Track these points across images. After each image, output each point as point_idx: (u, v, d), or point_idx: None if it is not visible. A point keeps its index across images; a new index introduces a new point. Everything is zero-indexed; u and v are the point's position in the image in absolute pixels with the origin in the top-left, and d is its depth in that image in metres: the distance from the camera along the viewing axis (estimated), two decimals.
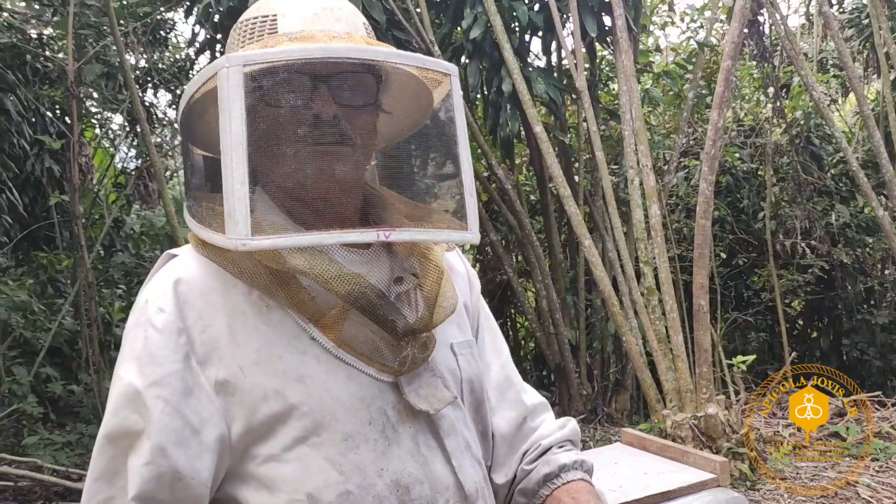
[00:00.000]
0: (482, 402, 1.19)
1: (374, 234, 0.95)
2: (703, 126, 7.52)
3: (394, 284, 1.06)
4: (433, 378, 1.06)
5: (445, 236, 1.05)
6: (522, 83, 5.25)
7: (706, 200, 4.58)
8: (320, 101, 1.00)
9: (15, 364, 5.25)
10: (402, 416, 1.03)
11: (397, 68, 1.03)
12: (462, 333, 1.19)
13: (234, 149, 0.91)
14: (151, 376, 0.95)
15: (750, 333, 7.74)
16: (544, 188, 6.44)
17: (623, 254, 5.23)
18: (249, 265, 1.00)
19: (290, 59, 0.95)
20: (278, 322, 1.00)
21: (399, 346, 1.03)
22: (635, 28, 5.76)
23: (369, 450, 0.99)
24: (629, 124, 5.09)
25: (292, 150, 1.00)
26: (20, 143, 6.64)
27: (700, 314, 4.64)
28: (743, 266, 7.66)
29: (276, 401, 0.96)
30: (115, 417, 0.96)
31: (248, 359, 0.97)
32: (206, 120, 1.01)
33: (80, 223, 4.82)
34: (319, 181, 1.00)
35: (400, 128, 1.14)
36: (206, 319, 0.98)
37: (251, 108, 0.93)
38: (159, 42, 8.04)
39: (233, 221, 0.91)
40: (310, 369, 0.99)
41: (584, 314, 6.41)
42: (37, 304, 5.74)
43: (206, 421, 0.96)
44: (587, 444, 5.43)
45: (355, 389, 1.00)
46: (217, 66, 0.94)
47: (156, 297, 1.00)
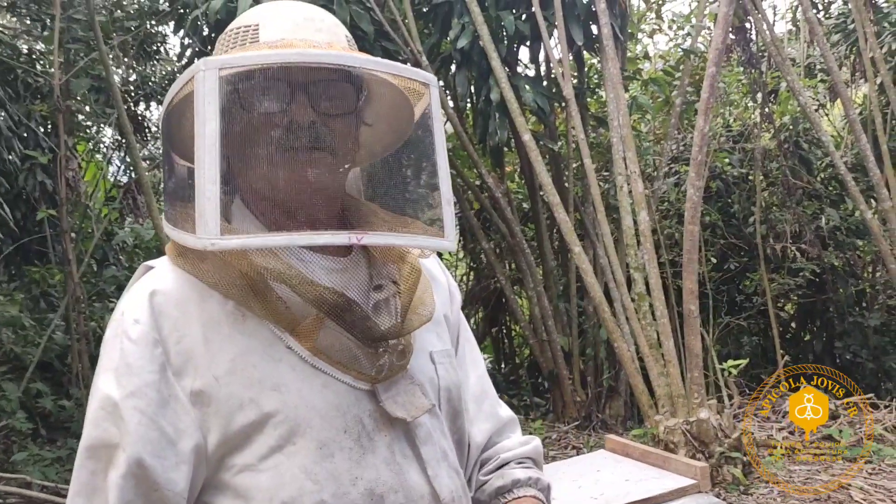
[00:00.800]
0: (459, 411, 1.19)
1: (345, 236, 0.95)
2: (692, 132, 7.55)
3: (373, 291, 1.06)
4: (411, 386, 1.06)
5: (420, 241, 1.05)
6: (510, 92, 5.27)
7: (694, 206, 4.60)
8: (297, 106, 1.00)
9: (4, 380, 5.23)
10: (379, 425, 1.03)
11: (374, 76, 1.04)
12: (441, 342, 1.18)
13: (206, 150, 0.91)
14: (128, 387, 0.95)
15: (743, 337, 7.75)
16: (535, 196, 6.46)
17: (613, 260, 5.24)
18: (224, 275, 1.00)
19: (266, 63, 0.95)
20: (253, 331, 1.00)
21: (376, 353, 1.03)
22: (622, 36, 5.79)
23: (344, 458, 0.99)
24: (617, 131, 5.11)
25: (265, 152, 1.00)
26: (10, 159, 6.64)
27: (690, 319, 4.65)
28: (735, 270, 7.67)
29: (251, 410, 0.96)
30: (95, 430, 0.97)
31: (222, 368, 0.97)
32: (183, 124, 1.01)
33: (68, 237, 4.82)
34: (291, 183, 1.00)
35: (383, 142, 1.15)
36: (181, 330, 0.98)
37: (226, 110, 0.94)
38: (150, 55, 8.06)
39: (203, 221, 0.91)
40: (285, 377, 0.98)
41: (576, 321, 6.42)
42: (27, 319, 5.72)
43: (183, 431, 0.96)
44: (581, 451, 5.42)
45: (331, 397, 1.00)
46: (194, 70, 0.94)
47: (131, 308, 1.00)
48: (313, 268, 1.00)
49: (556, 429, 6.00)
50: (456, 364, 1.21)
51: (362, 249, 1.11)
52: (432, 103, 1.06)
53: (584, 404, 6.19)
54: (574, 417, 6.12)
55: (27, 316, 5.81)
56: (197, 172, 0.92)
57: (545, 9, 5.42)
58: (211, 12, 5.51)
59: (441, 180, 1.05)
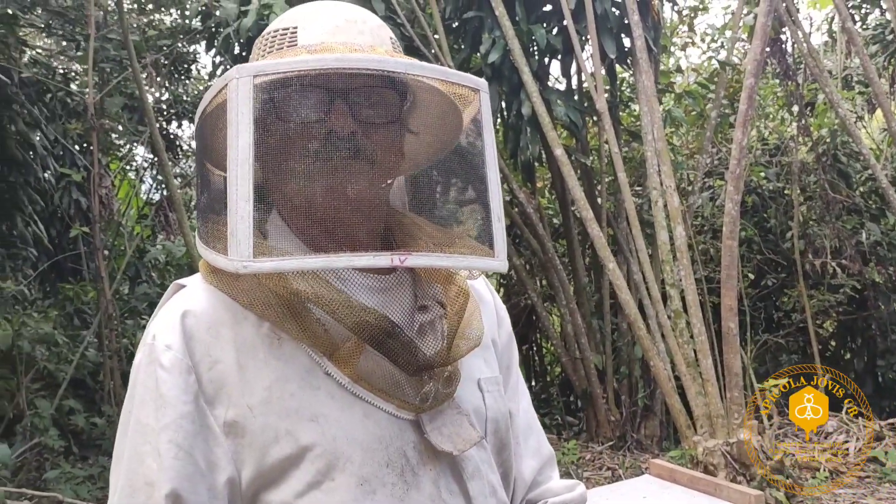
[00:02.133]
0: (507, 444, 1.11)
1: (387, 257, 0.86)
2: (726, 146, 7.43)
3: (418, 313, 1.00)
4: (458, 416, 0.98)
5: (469, 263, 0.94)
6: (542, 106, 5.21)
7: (732, 221, 4.49)
8: (336, 115, 0.93)
9: (38, 397, 5.26)
10: (423, 458, 0.95)
11: (419, 81, 0.95)
12: (489, 369, 1.11)
13: (239, 164, 0.84)
14: (163, 420, 0.89)
15: (781, 356, 7.56)
16: (567, 211, 6.38)
17: (648, 276, 5.13)
18: (259, 294, 0.93)
19: (303, 70, 0.88)
20: (290, 356, 0.93)
21: (421, 380, 0.95)
22: (655, 49, 5.71)
23: (386, 495, 0.92)
24: (651, 145, 5.02)
25: (302, 165, 0.93)
26: (46, 177, 6.74)
27: (729, 337, 4.53)
28: (772, 287, 7.51)
29: (287, 443, 0.90)
30: (138, 465, 0.90)
31: (257, 397, 0.91)
32: (217, 135, 0.94)
33: (101, 255, 4.84)
34: (330, 199, 0.93)
35: (428, 150, 1.07)
36: (213, 355, 0.92)
37: (261, 121, 0.88)
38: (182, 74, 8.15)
39: (235, 241, 0.84)
40: (323, 407, 0.92)
41: (610, 338, 6.30)
42: (61, 336, 5.75)
43: (215, 465, 0.90)
44: (616, 472, 5.30)
45: (373, 428, 0.93)
46: (227, 78, 0.88)
47: (162, 332, 0.94)
48: (354, 288, 0.94)
49: (589, 449, 5.88)
50: (503, 392, 1.13)
51: (407, 269, 1.04)
52: (482, 110, 0.97)
53: (618, 424, 6.07)
54: (608, 437, 5.99)
55: (61, 333, 5.85)
56: (229, 189, 0.85)
57: (577, 22, 5.36)
58: (243, 30, 5.54)
59: (491, 195, 0.96)
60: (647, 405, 6.19)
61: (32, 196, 6.62)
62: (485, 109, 0.98)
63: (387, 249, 0.99)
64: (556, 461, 1.28)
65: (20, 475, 4.66)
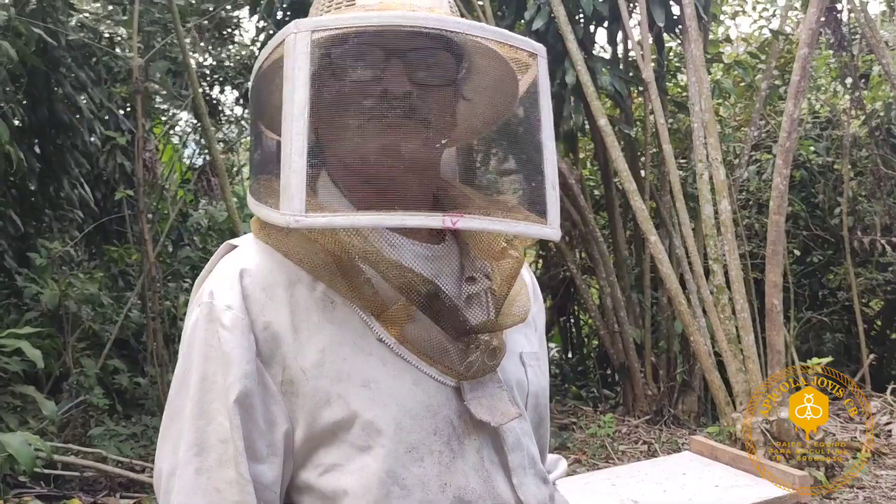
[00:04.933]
0: (544, 418, 1.15)
1: (439, 218, 0.86)
2: (775, 118, 7.23)
3: (465, 283, 1.00)
4: (498, 390, 0.99)
5: (522, 228, 0.94)
6: (586, 75, 5.11)
7: (780, 195, 4.39)
8: (392, 74, 0.93)
9: (83, 356, 5.38)
10: (468, 428, 0.96)
11: (477, 43, 0.94)
12: (530, 344, 1.12)
13: (295, 118, 0.85)
14: (229, 378, 0.90)
15: (825, 334, 7.42)
16: (609, 183, 6.29)
17: (691, 251, 5.04)
18: (311, 251, 0.94)
19: (362, 26, 0.89)
20: (343, 319, 0.94)
21: (467, 349, 0.96)
22: (705, 17, 5.55)
23: (434, 462, 0.93)
24: (698, 116, 4.90)
25: (357, 122, 0.93)
26: (92, 140, 6.82)
27: (773, 314, 4.45)
28: (818, 264, 7.34)
29: (338, 406, 0.91)
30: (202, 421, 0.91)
31: (310, 360, 0.92)
32: (272, 91, 0.94)
33: (145, 218, 4.90)
34: (383, 157, 0.93)
35: (483, 118, 1.07)
36: (267, 316, 0.93)
37: (317, 76, 0.87)
38: (225, 39, 8.16)
39: (287, 196, 0.84)
40: (375, 373, 0.93)
41: (649, 312, 6.23)
42: (106, 297, 5.87)
43: (273, 422, 0.92)
44: (652, 447, 5.27)
45: (422, 396, 0.94)
46: (285, 33, 0.88)
47: (220, 291, 0.94)
48: (403, 253, 0.94)
49: (625, 422, 5.85)
50: (544, 368, 1.15)
51: (455, 239, 1.04)
52: (540, 76, 0.96)
53: (655, 398, 6.02)
54: (645, 411, 5.95)
55: (105, 294, 5.96)
56: (283, 143, 0.86)
57: None
58: None
59: (546, 162, 0.95)
60: (686, 381, 6.13)
61: (79, 159, 6.72)
62: (542, 75, 0.97)
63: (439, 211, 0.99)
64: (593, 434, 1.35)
65: (66, 431, 4.79)
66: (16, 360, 4.15)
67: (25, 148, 5.54)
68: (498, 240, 1.04)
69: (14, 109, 5.76)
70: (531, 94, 0.98)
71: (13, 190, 6.35)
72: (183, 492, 0.90)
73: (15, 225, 6.11)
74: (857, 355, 6.79)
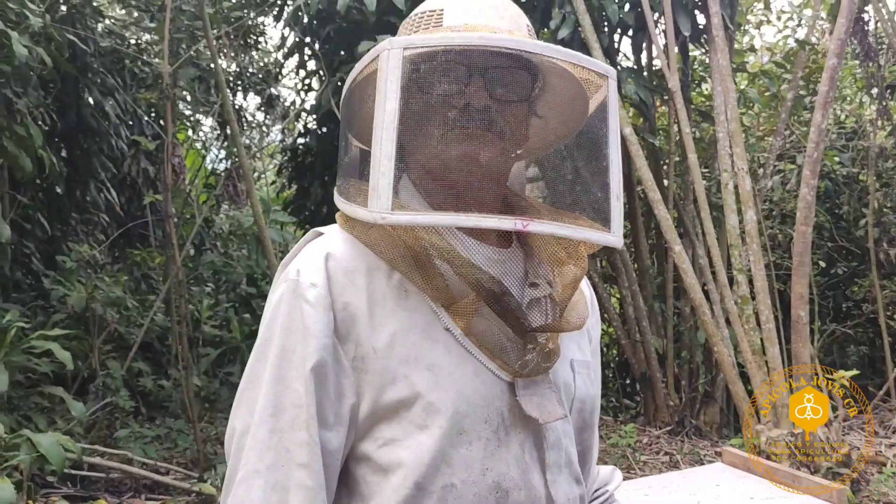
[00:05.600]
0: (588, 424, 1.20)
1: (511, 222, 0.93)
2: (799, 128, 7.19)
3: (528, 287, 1.07)
4: (548, 391, 1.06)
5: (586, 235, 1.01)
6: None
7: (807, 206, 4.36)
8: (473, 89, 1.02)
9: (109, 358, 5.43)
10: (515, 421, 1.03)
11: (553, 64, 1.04)
12: (581, 353, 1.18)
13: (385, 126, 0.94)
14: (308, 349, 0.98)
15: (849, 347, 7.35)
16: (632, 191, 6.27)
17: (715, 261, 5.01)
18: (391, 244, 1.03)
19: (449, 45, 0.98)
20: (415, 308, 1.02)
21: (524, 349, 1.03)
22: (731, 26, 5.54)
23: (480, 447, 1.00)
24: (724, 126, 4.88)
25: (440, 132, 1.02)
26: (118, 145, 6.91)
27: (799, 325, 4.41)
28: (842, 275, 7.28)
29: (403, 386, 0.98)
30: (279, 386, 0.98)
31: (382, 341, 0.99)
32: (364, 102, 1.03)
33: (171, 222, 4.95)
34: (462, 163, 1.02)
35: (554, 134, 1.15)
36: (347, 297, 1.01)
37: (406, 89, 0.96)
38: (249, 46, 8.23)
39: (376, 195, 0.93)
40: (440, 359, 1.00)
41: (672, 322, 6.20)
42: (131, 300, 5.92)
43: (342, 394, 0.99)
44: (674, 458, 5.24)
45: (479, 386, 1.01)
46: (380, 49, 0.97)
47: (307, 270, 1.02)
48: (474, 253, 1.01)
49: (647, 433, 5.82)
50: (594, 377, 1.21)
51: (521, 245, 1.12)
52: (610, 96, 1.05)
53: (677, 409, 5.98)
54: (666, 422, 5.92)
55: (130, 297, 6.02)
56: (374, 147, 0.94)
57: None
58: (312, 2, 5.56)
59: (612, 175, 1.03)
60: (708, 391, 6.09)
61: (105, 163, 6.81)
62: (612, 95, 1.05)
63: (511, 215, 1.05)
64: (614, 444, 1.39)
65: (93, 432, 4.84)
66: (45, 361, 4.20)
67: (54, 152, 5.61)
68: (561, 248, 1.09)
69: (43, 114, 5.85)
70: (600, 113, 1.05)
71: (41, 193, 6.44)
72: (256, 448, 0.97)
73: (43, 228, 6.19)
74: (881, 368, 6.73)
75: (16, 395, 4.29)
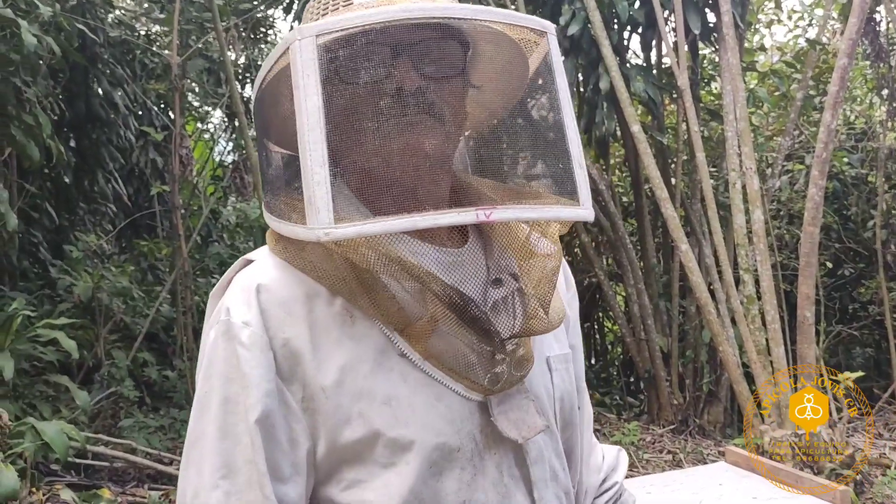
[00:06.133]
0: (570, 422, 1.09)
1: (473, 213, 0.82)
2: (808, 128, 7.16)
3: (491, 287, 0.95)
4: (525, 401, 0.95)
5: (555, 213, 0.90)
6: (620, 81, 5.10)
7: (815, 206, 4.34)
8: (402, 71, 0.89)
9: (115, 348, 5.45)
10: (489, 442, 0.94)
11: (485, 27, 0.92)
12: (559, 345, 1.08)
13: (311, 128, 0.81)
14: (250, 398, 0.88)
15: (854, 348, 7.33)
16: (639, 189, 6.26)
17: (722, 260, 5.00)
18: (330, 267, 0.90)
19: (368, 24, 0.84)
20: (363, 335, 0.91)
21: (493, 360, 0.92)
22: (742, 25, 5.51)
23: (454, 479, 0.91)
24: (732, 125, 4.87)
25: (374, 124, 0.89)
26: (126, 136, 6.92)
27: (804, 326, 4.40)
28: (849, 277, 7.26)
29: (359, 425, 0.89)
30: (228, 442, 0.89)
31: (330, 378, 0.89)
32: (280, 103, 0.91)
33: (179, 213, 4.96)
34: (405, 156, 0.89)
35: (495, 104, 1.02)
36: (286, 332, 0.90)
37: (327, 81, 0.84)
38: (258, 38, 8.24)
39: (313, 209, 0.81)
40: (396, 389, 0.90)
41: (677, 321, 6.19)
42: (137, 291, 5.94)
43: (296, 441, 0.90)
44: (677, 457, 5.24)
45: (444, 411, 0.91)
46: (289, 41, 0.85)
47: (237, 307, 0.91)
48: (426, 261, 0.89)
49: (650, 431, 5.82)
50: (572, 369, 1.10)
51: (479, 238, 1.00)
52: (552, 53, 0.92)
53: (680, 408, 5.98)
54: (669, 421, 5.91)
55: (136, 287, 6.04)
56: (302, 155, 0.82)
57: None
58: None
59: (570, 141, 0.91)
60: (712, 391, 6.08)
61: (113, 154, 6.82)
62: (554, 52, 0.92)
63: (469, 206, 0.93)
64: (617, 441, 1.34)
65: (97, 421, 4.86)
66: (51, 350, 4.22)
67: (62, 142, 5.63)
68: (524, 232, 0.98)
69: (52, 104, 5.86)
70: (544, 74, 0.94)
71: (49, 183, 6.45)
72: None
73: (50, 217, 6.21)
74: (887, 371, 6.70)
75: (21, 383, 4.31)
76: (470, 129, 1.03)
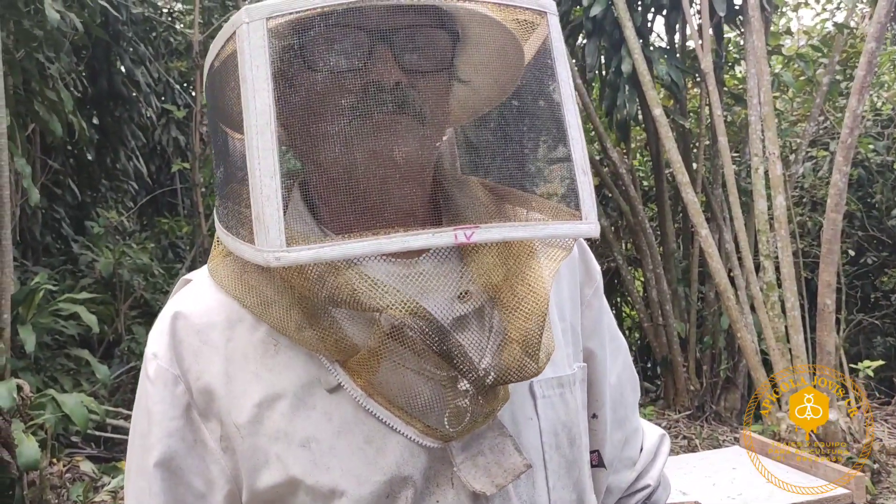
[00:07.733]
0: (575, 461, 0.89)
1: (450, 234, 0.68)
2: (833, 114, 7.06)
3: (457, 301, 0.78)
4: (500, 438, 0.79)
5: (552, 230, 0.76)
6: (643, 64, 5.04)
7: (839, 193, 4.28)
8: (377, 62, 0.74)
9: (135, 323, 5.52)
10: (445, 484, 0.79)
11: (474, 12, 0.77)
12: (555, 367, 0.86)
13: (259, 131, 0.68)
14: (151, 439, 0.80)
15: (875, 337, 7.25)
16: (660, 174, 6.21)
17: (742, 246, 4.96)
18: (267, 291, 0.78)
19: (329, 5, 0.69)
20: (285, 367, 0.79)
21: (455, 390, 0.75)
22: (768, 8, 5.42)
23: None
24: (756, 109, 4.81)
25: (336, 127, 0.74)
26: (148, 113, 6.97)
27: (825, 313, 4.36)
28: (872, 265, 7.17)
29: (276, 469, 0.78)
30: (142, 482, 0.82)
31: (245, 415, 0.79)
32: (228, 96, 0.77)
33: (199, 191, 4.99)
34: (372, 167, 0.74)
35: (485, 97, 0.86)
36: (201, 364, 0.80)
37: (281, 75, 0.72)
38: None
39: (262, 227, 0.68)
40: (318, 431, 0.78)
41: (695, 307, 6.16)
42: (157, 268, 6.00)
43: (213, 483, 0.81)
44: (693, 442, 5.23)
45: (373, 456, 0.78)
46: (236, 23, 0.71)
47: (153, 336, 0.84)
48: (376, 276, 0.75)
49: (666, 416, 5.81)
50: (577, 390, 0.91)
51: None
52: (552, 37, 0.77)
53: (697, 394, 5.96)
54: (686, 406, 5.90)
55: (156, 264, 6.10)
56: (250, 163, 0.69)
57: None
58: None
59: (571, 141, 0.76)
60: (730, 377, 6.05)
61: (135, 131, 6.88)
62: (555, 37, 0.77)
63: (440, 224, 0.80)
64: None
65: (117, 396, 4.93)
66: (72, 324, 4.27)
67: (84, 118, 5.67)
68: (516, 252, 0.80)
69: (75, 80, 5.90)
70: (542, 62, 0.79)
71: (71, 160, 6.52)
72: None
73: (73, 193, 6.28)
74: None
75: (42, 357, 4.38)
76: (457, 120, 0.88)
